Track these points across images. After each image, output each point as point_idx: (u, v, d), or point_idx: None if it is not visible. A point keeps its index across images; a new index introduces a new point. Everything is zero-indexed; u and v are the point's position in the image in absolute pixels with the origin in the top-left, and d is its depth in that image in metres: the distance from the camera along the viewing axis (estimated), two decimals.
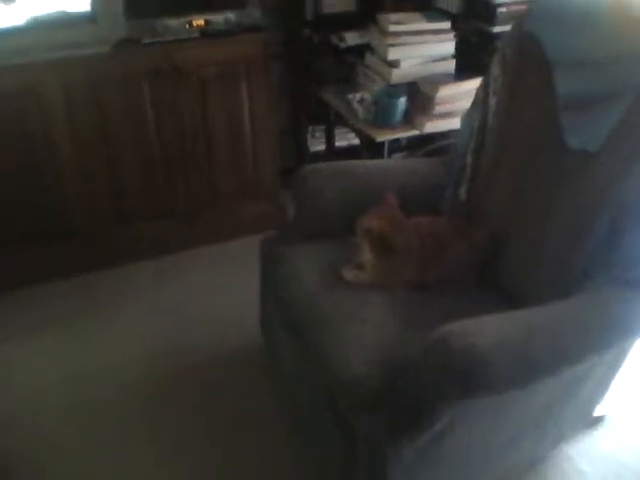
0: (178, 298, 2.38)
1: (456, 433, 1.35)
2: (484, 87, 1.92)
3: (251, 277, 2.17)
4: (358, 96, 2.33)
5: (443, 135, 2.42)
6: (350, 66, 2.60)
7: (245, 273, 2.44)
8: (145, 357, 2.10)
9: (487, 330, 1.27)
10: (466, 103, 2.24)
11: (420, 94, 2.32)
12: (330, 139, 2.86)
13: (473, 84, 2.29)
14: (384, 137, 2.28)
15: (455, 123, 2.27)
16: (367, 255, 1.68)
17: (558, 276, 1.56)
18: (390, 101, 2.25)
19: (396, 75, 2.30)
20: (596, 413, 1.79)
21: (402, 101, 2.24)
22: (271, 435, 1.83)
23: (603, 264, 1.48)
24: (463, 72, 2.37)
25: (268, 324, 1.99)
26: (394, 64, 2.30)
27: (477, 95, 1.96)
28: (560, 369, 1.31)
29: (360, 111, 2.33)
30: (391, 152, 2.44)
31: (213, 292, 2.41)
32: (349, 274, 1.69)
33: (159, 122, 2.39)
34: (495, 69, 1.87)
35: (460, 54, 2.39)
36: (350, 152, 2.88)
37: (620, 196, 1.46)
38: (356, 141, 2.96)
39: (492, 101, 1.87)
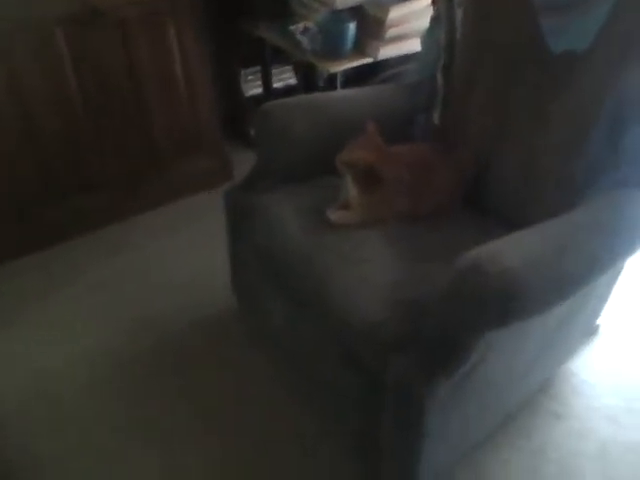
0: (135, 269, 2.15)
1: (487, 362, 1.26)
2: (446, 1, 1.78)
3: (210, 236, 1.99)
4: (301, 26, 2.14)
5: (395, 61, 2.28)
6: None
7: (201, 233, 2.27)
8: (112, 338, 1.88)
9: (515, 250, 1.16)
10: (420, 23, 2.13)
11: (369, 18, 2.16)
12: (267, 80, 2.66)
13: (423, 2, 2.16)
14: (337, 68, 2.12)
15: (410, 46, 2.15)
16: (352, 192, 1.53)
17: (559, 189, 1.48)
18: (339, 28, 2.08)
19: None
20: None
21: (351, 27, 2.08)
22: (270, 405, 1.68)
23: (606, 168, 1.41)
24: None
25: (242, 282, 1.82)
26: None
27: (437, 9, 1.83)
28: (594, 278, 1.24)
29: (305, 42, 2.14)
30: (334, 87, 2.27)
31: (171, 257, 2.20)
32: (335, 215, 1.54)
33: (80, 78, 2.09)
34: None
35: None
36: (290, 92, 2.70)
37: (619, 93, 1.39)
38: (292, 81, 2.79)
39: (458, 14, 1.74)
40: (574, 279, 1.19)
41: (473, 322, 1.13)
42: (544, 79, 1.54)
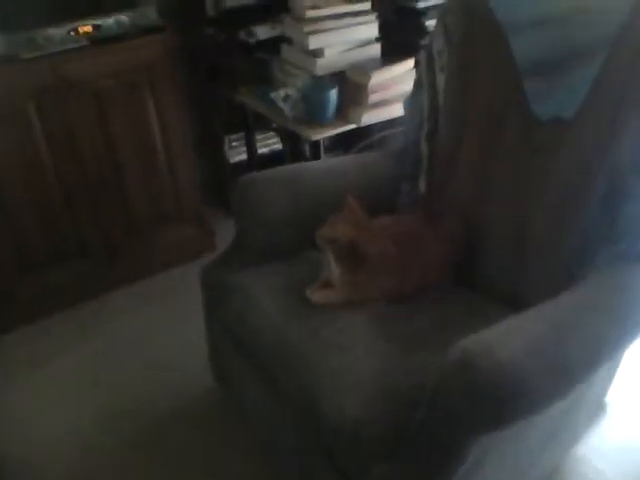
0: (108, 350, 2.02)
1: (484, 465, 1.13)
2: (427, 65, 1.72)
3: (190, 311, 1.87)
4: (282, 93, 2.08)
5: (376, 127, 2.22)
6: (264, 63, 2.34)
7: (181, 307, 2.15)
8: (82, 430, 1.74)
9: (509, 339, 1.05)
10: (401, 87, 2.09)
11: (350, 84, 2.10)
12: (251, 146, 2.60)
13: (405, 66, 2.12)
14: (319, 135, 2.05)
15: (393, 111, 2.09)
16: (334, 270, 1.43)
17: (552, 264, 1.38)
18: (320, 94, 2.02)
19: (321, 65, 2.07)
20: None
21: (333, 93, 2.02)
22: None
23: (605, 240, 1.31)
24: (390, 55, 2.17)
25: (221, 364, 1.70)
26: (317, 53, 2.07)
27: (418, 76, 1.77)
28: (600, 363, 1.12)
29: (287, 109, 2.08)
30: (317, 154, 2.20)
31: (149, 335, 2.07)
32: (316, 295, 1.44)
33: (53, 149, 2.02)
34: (437, 43, 1.68)
35: (384, 36, 2.19)
36: (275, 158, 2.64)
37: (611, 163, 1.30)
38: (278, 146, 2.73)
39: (440, 79, 1.68)
40: (578, 370, 1.08)
41: (464, 424, 1.01)
42: (531, 147, 1.46)
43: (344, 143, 2.56)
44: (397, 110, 2.02)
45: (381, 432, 1.12)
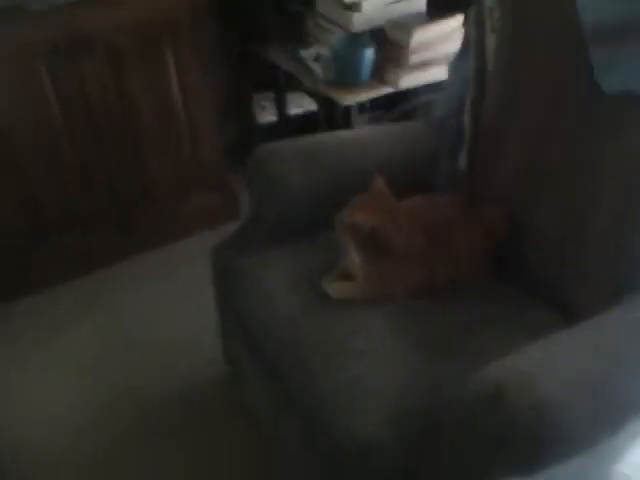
0: (117, 325, 1.91)
1: None
2: (476, 24, 1.49)
3: (206, 285, 1.73)
4: (313, 52, 1.88)
5: (417, 91, 2.00)
6: (298, 18, 2.13)
7: (200, 280, 2.01)
8: (82, 411, 1.65)
9: (553, 370, 0.87)
10: (447, 48, 1.86)
11: (389, 42, 1.88)
12: (281, 107, 2.41)
13: (453, 23, 1.89)
14: (351, 99, 1.85)
15: (436, 74, 1.88)
16: (356, 259, 1.26)
17: (611, 269, 1.17)
18: (355, 54, 1.81)
19: (358, 20, 1.86)
20: None
21: (369, 53, 1.81)
22: None
23: None
24: (436, 10, 1.93)
25: (232, 351, 1.57)
26: (354, 7, 1.85)
27: (466, 36, 1.54)
28: None
29: (318, 70, 1.88)
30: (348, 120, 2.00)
31: (164, 309, 1.95)
32: (333, 287, 1.27)
33: (65, 109, 1.87)
34: None
35: None
36: (308, 120, 2.45)
37: None
38: (313, 106, 2.53)
39: (490, 40, 1.45)
40: (632, 406, 0.89)
41: (491, 467, 0.85)
42: (593, 126, 1.23)
43: (386, 105, 2.35)
44: (441, 73, 1.81)
45: (394, 462, 0.96)
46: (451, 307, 1.25)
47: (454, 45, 1.80)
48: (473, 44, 1.50)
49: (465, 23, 1.84)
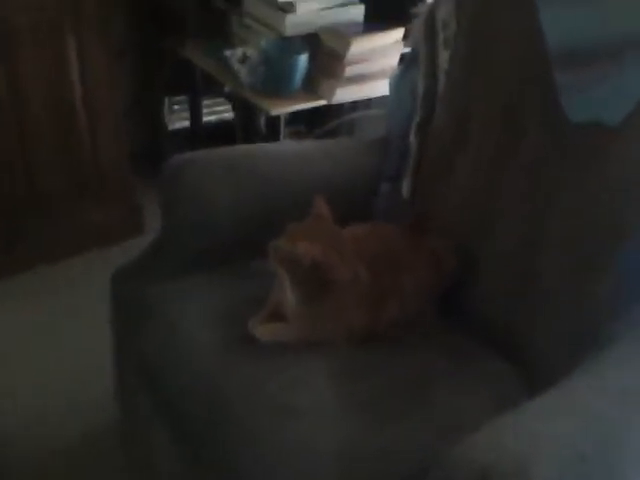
0: None
1: None
2: (427, 37, 1.35)
3: (103, 309, 1.47)
4: (240, 53, 1.68)
5: (344, 107, 1.86)
6: (221, 14, 1.93)
7: (93, 303, 1.73)
8: None
9: (544, 446, 0.72)
10: (388, 62, 1.71)
11: (324, 50, 1.72)
12: (196, 112, 2.18)
13: (392, 37, 1.75)
14: (280, 109, 1.66)
15: (374, 89, 1.73)
16: (289, 297, 1.06)
17: (576, 311, 1.06)
18: (288, 59, 1.63)
19: (291, 23, 1.68)
20: None
21: (303, 59, 1.63)
22: None
23: None
24: (373, 21, 1.79)
25: (130, 399, 1.31)
26: (287, 8, 1.67)
27: (414, 50, 1.41)
28: None
29: (243, 73, 1.68)
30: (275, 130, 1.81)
31: (49, 333, 1.66)
32: (262, 329, 1.07)
33: None
34: (443, 10, 1.31)
35: None
36: (223, 130, 2.23)
37: None
38: (229, 115, 2.32)
39: (443, 56, 1.32)
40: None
41: None
42: (558, 156, 1.12)
43: (307, 122, 2.18)
44: (378, 89, 1.67)
45: None
46: (397, 357, 1.08)
47: (392, 60, 1.68)
48: (423, 60, 1.36)
49: (406, 37, 1.72)
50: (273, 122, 1.80)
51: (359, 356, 1.06)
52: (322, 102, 1.70)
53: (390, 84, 1.48)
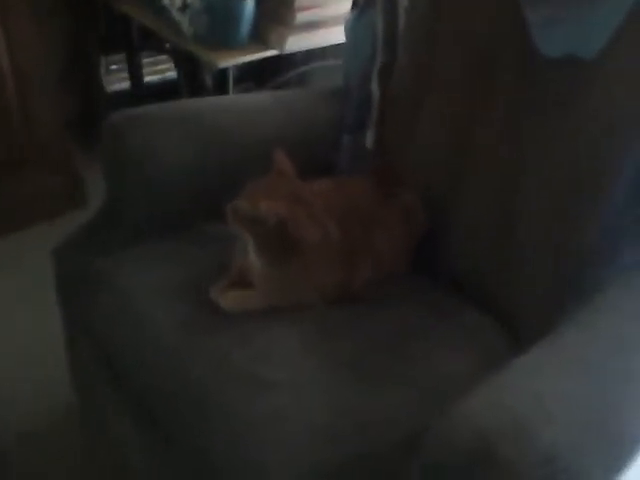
0: None
1: None
2: None
3: (47, 287, 1.34)
4: (179, 1, 1.54)
5: (298, 58, 1.75)
6: None
7: (35, 282, 1.60)
8: None
9: (544, 406, 0.66)
10: (341, 7, 1.60)
11: None
12: (136, 71, 2.03)
13: None
14: (228, 61, 1.54)
15: (328, 37, 1.62)
16: (254, 261, 0.98)
17: (557, 263, 1.00)
18: (231, 5, 1.50)
19: None
20: None
21: (250, 3, 1.51)
22: None
23: (632, 237, 0.95)
24: None
25: (84, 381, 1.21)
26: None
27: None
28: None
29: (185, 24, 1.55)
30: (222, 86, 1.69)
31: None
32: (226, 297, 0.98)
33: None
34: None
35: None
36: (167, 89, 2.09)
37: None
38: (172, 74, 2.17)
39: None
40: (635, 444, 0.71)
41: None
42: (532, 97, 1.05)
43: (255, 76, 2.06)
44: (332, 36, 1.57)
45: None
46: (373, 317, 1.01)
47: (344, 4, 1.57)
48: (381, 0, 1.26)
49: None
50: (220, 78, 1.67)
51: (332, 318, 0.99)
52: (273, 52, 1.58)
53: (345, 29, 1.37)
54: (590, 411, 0.68)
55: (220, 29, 1.53)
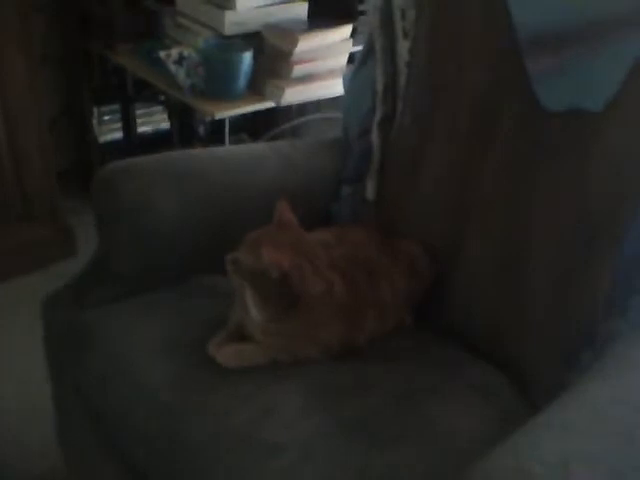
0: None
1: None
2: (383, 27, 1.26)
3: (33, 342, 1.27)
4: (175, 53, 1.54)
5: (292, 111, 1.75)
6: (153, 16, 1.78)
7: (20, 337, 1.54)
8: None
9: (573, 467, 0.62)
10: (338, 60, 1.62)
11: (268, 50, 1.60)
12: (129, 122, 2.02)
13: (340, 34, 1.65)
14: (224, 113, 1.53)
15: (325, 89, 1.63)
16: (254, 315, 0.93)
17: (565, 316, 0.97)
18: (230, 58, 1.50)
19: (230, 21, 1.56)
20: None
21: (247, 57, 1.51)
22: None
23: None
24: (318, 19, 1.69)
25: (73, 442, 1.14)
26: (226, 5, 1.55)
27: (369, 43, 1.30)
28: None
29: (181, 75, 1.54)
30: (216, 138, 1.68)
31: None
32: (224, 353, 0.93)
33: None
34: None
35: None
36: (160, 140, 2.08)
37: None
38: (165, 125, 2.17)
39: (403, 47, 1.22)
40: None
41: None
42: (536, 150, 1.04)
43: (248, 127, 2.06)
44: (329, 88, 1.58)
45: None
46: (380, 372, 0.97)
47: (340, 59, 1.59)
48: (380, 52, 1.26)
49: (355, 35, 1.63)
50: (214, 129, 1.66)
51: (338, 375, 0.94)
52: (270, 104, 1.58)
53: (344, 82, 1.38)
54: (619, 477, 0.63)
55: (217, 82, 1.53)
